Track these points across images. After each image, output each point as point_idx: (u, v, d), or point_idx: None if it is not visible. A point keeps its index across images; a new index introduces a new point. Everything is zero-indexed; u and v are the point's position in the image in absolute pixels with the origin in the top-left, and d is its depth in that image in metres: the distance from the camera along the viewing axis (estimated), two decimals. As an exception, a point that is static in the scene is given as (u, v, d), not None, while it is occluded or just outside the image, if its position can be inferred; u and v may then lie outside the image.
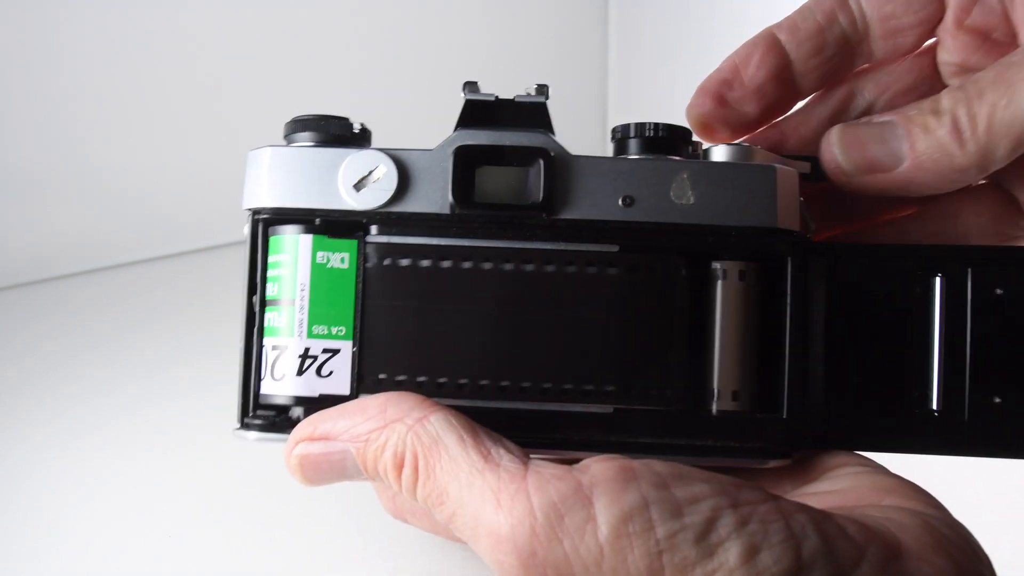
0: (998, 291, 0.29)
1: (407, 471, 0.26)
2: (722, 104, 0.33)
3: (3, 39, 0.54)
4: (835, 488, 0.27)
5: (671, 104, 0.38)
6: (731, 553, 0.23)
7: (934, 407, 0.29)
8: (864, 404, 0.29)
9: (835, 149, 0.31)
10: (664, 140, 0.29)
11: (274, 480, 0.44)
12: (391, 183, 0.29)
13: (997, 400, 0.28)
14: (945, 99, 0.29)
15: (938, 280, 0.29)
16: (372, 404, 0.27)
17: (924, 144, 0.29)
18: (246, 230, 0.30)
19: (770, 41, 0.33)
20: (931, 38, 0.34)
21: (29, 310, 0.58)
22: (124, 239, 0.62)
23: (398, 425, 0.26)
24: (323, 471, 0.28)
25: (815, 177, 0.31)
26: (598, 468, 0.25)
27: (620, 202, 0.29)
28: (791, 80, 0.34)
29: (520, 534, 0.24)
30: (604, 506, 0.24)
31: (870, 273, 0.29)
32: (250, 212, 0.30)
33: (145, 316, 0.57)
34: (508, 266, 0.28)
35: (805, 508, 0.24)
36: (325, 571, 0.39)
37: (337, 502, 0.42)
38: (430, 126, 0.30)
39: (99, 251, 0.61)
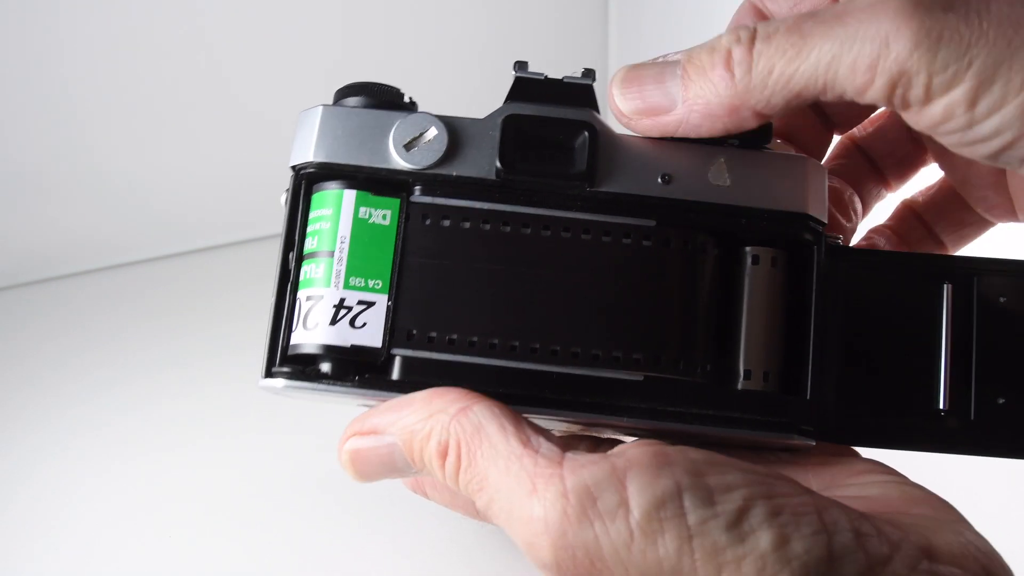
0: (1002, 299, 0.30)
1: (450, 458, 0.26)
2: None
3: (3, 39, 0.54)
4: (864, 494, 0.28)
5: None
6: (762, 540, 0.23)
7: (941, 407, 0.30)
8: (874, 402, 0.30)
9: (615, 90, 0.29)
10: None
11: (274, 480, 0.44)
12: (441, 145, 0.30)
13: (1001, 401, 0.30)
14: (726, 36, 0.27)
15: (946, 287, 0.30)
16: (418, 398, 0.27)
17: (697, 85, 0.28)
18: (283, 198, 0.30)
19: (753, 10, 0.33)
20: None
21: (29, 310, 0.58)
22: (124, 239, 0.62)
23: (442, 415, 0.27)
24: (373, 465, 0.28)
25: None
26: (633, 453, 0.25)
27: (659, 179, 0.30)
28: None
29: (552, 516, 0.24)
30: (637, 490, 0.24)
31: (883, 278, 0.31)
32: (294, 170, 0.30)
33: (145, 316, 0.57)
34: (546, 232, 0.29)
35: (839, 504, 0.24)
36: (325, 571, 0.39)
37: (336, 502, 0.42)
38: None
39: (99, 251, 0.61)
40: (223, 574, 0.39)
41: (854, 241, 0.36)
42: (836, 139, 0.37)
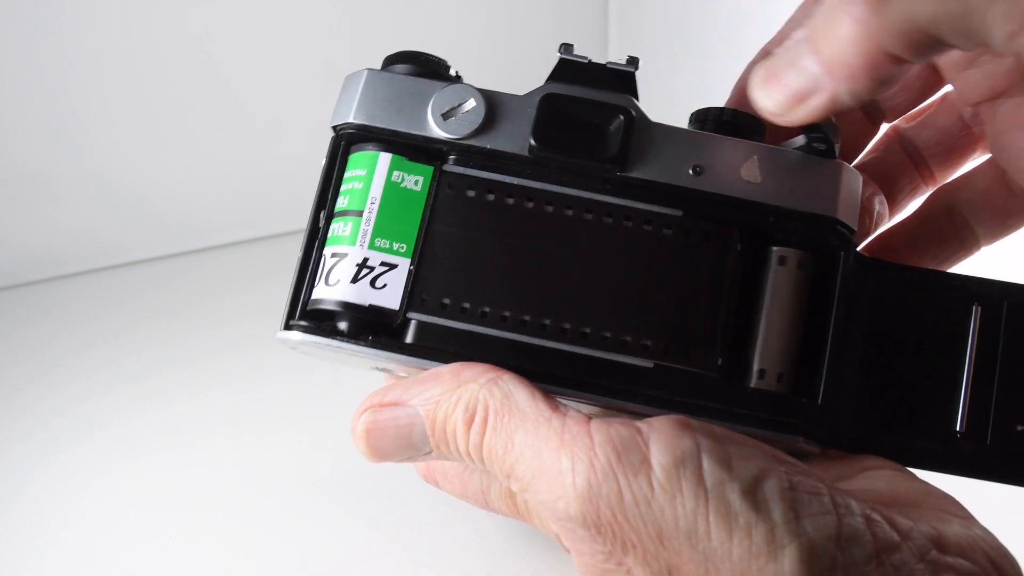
0: None
1: (476, 424, 0.27)
2: None
3: (3, 39, 0.54)
4: (872, 487, 0.28)
5: (671, 103, 0.38)
6: (775, 511, 0.24)
7: (958, 429, 0.29)
8: (889, 416, 0.30)
9: (758, 93, 0.28)
10: (742, 124, 0.30)
11: (275, 480, 0.44)
12: (478, 116, 0.30)
13: (1020, 428, 0.29)
14: None
15: (976, 309, 0.30)
16: (446, 370, 0.28)
17: (828, 49, 0.26)
18: (325, 156, 0.31)
19: None
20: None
21: (29, 310, 0.58)
22: (125, 239, 0.61)
23: (471, 385, 0.27)
24: (388, 439, 0.29)
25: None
26: (657, 420, 0.26)
27: (690, 170, 0.30)
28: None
29: (579, 468, 0.25)
30: (659, 450, 0.25)
31: (911, 293, 0.30)
32: (334, 130, 0.31)
33: (145, 316, 0.57)
34: (568, 212, 0.29)
35: (852, 493, 0.25)
36: (326, 571, 0.39)
37: (337, 502, 0.42)
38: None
39: (99, 251, 0.61)
40: (223, 574, 0.39)
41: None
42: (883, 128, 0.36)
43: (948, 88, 0.35)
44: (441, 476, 0.35)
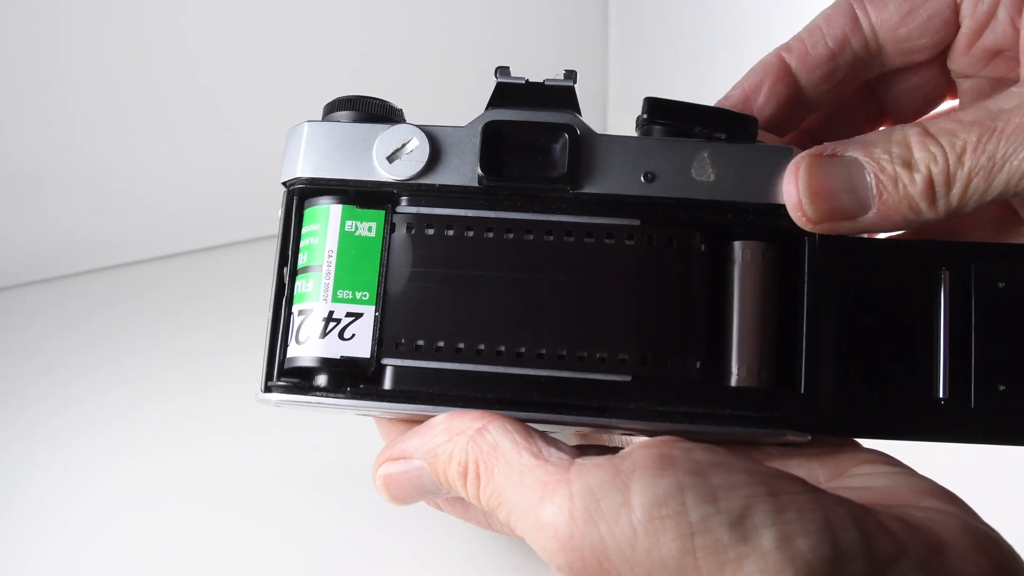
0: (1000, 284, 0.30)
1: (470, 477, 0.27)
2: None
3: (3, 39, 0.54)
4: (870, 485, 0.28)
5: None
6: (765, 539, 0.23)
7: (941, 396, 0.29)
8: (872, 392, 0.29)
9: (802, 194, 0.29)
10: (675, 124, 0.30)
11: (275, 480, 0.44)
12: (423, 155, 0.30)
13: (1002, 388, 0.29)
14: (918, 151, 0.28)
15: (943, 274, 0.30)
16: (439, 421, 0.28)
17: (894, 199, 0.28)
18: (280, 213, 0.31)
19: (780, 70, 0.34)
20: (945, 57, 0.34)
21: (29, 310, 0.58)
22: (124, 239, 0.62)
23: (460, 437, 0.28)
24: (405, 488, 0.30)
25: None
26: (638, 455, 0.25)
27: (642, 178, 0.29)
28: (801, 104, 0.34)
29: (560, 519, 0.25)
30: (639, 491, 0.24)
31: (878, 266, 0.30)
32: (285, 186, 0.31)
33: (145, 316, 0.57)
34: (529, 236, 0.29)
35: (845, 502, 0.24)
36: (326, 571, 0.39)
37: (337, 502, 0.42)
38: (428, 120, 0.30)
39: (99, 251, 0.61)
40: (223, 574, 0.39)
41: None
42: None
43: (954, 102, 0.35)
44: (443, 502, 0.35)
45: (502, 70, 0.31)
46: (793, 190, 0.29)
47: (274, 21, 0.60)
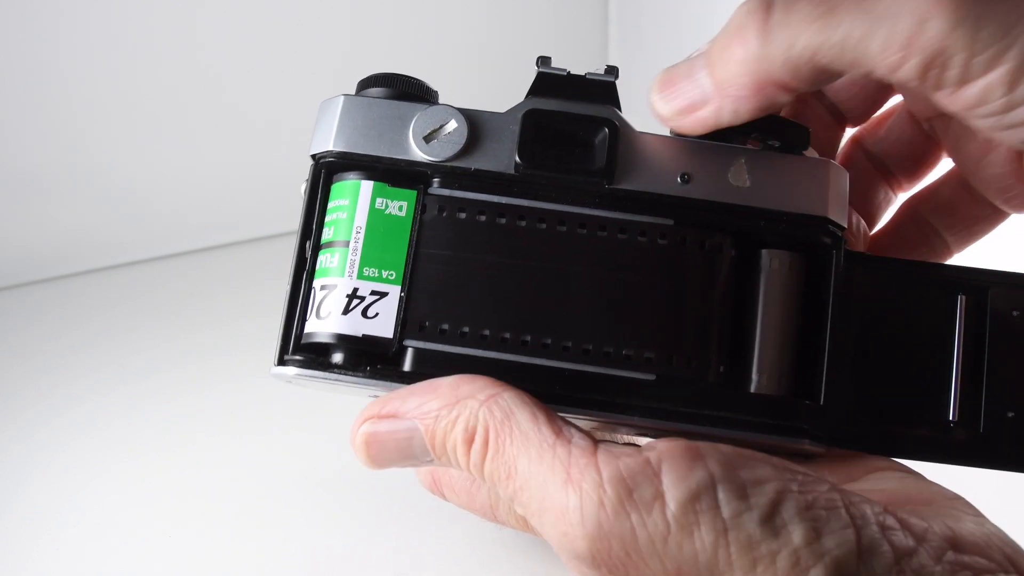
0: (1015, 313, 0.30)
1: (477, 445, 0.26)
2: None
3: (3, 39, 0.54)
4: (882, 487, 0.28)
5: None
6: (795, 535, 0.23)
7: (951, 418, 0.30)
8: (885, 410, 0.30)
9: (654, 96, 0.29)
10: (724, 130, 0.30)
11: (275, 480, 0.44)
12: (461, 137, 0.29)
13: (1011, 415, 0.29)
14: (742, 7, 0.27)
15: (960, 299, 0.30)
16: (444, 383, 0.27)
17: (720, 68, 0.27)
18: (303, 187, 0.30)
19: None
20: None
21: (29, 310, 0.58)
22: (124, 239, 0.62)
23: (470, 401, 0.27)
24: (389, 450, 0.28)
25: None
26: (665, 446, 0.25)
27: (678, 179, 0.29)
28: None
29: (588, 506, 0.24)
30: (672, 483, 0.24)
31: (899, 287, 0.30)
32: (314, 159, 0.30)
33: (145, 316, 0.57)
34: (562, 228, 0.29)
35: (866, 499, 0.24)
36: (328, 571, 0.39)
37: (339, 501, 0.42)
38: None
39: (99, 251, 0.61)
40: (224, 574, 0.39)
41: None
42: (848, 133, 0.37)
43: (899, 97, 0.35)
44: (448, 489, 0.34)
45: (543, 60, 0.30)
46: (650, 96, 0.29)
47: (275, 20, 0.60)
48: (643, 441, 0.29)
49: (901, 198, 0.37)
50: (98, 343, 0.55)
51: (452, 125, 0.30)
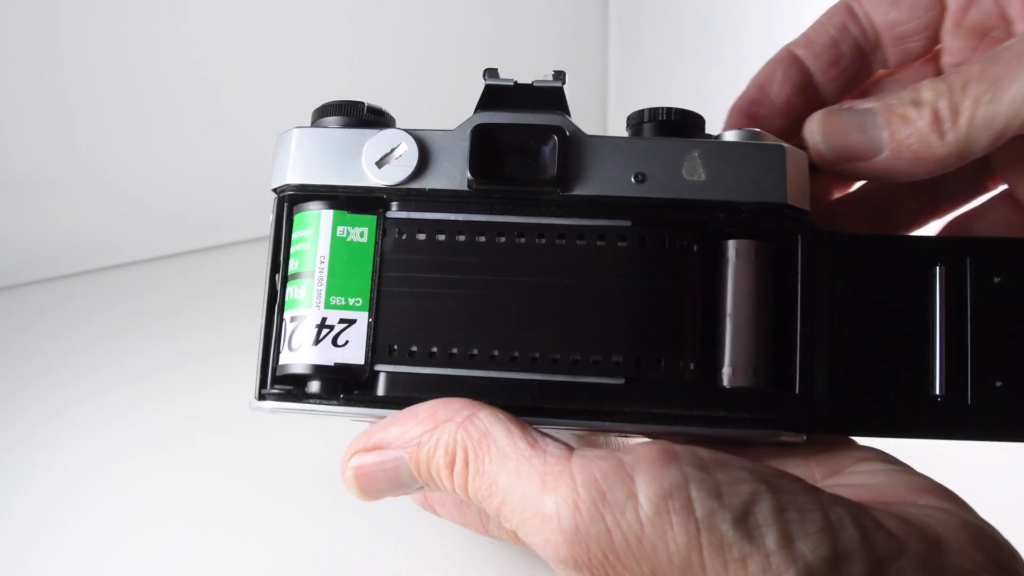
0: (996, 279, 0.29)
1: (458, 467, 0.27)
2: (754, 122, 0.34)
3: (3, 39, 0.54)
4: (868, 483, 0.28)
5: (671, 103, 0.38)
6: (768, 538, 0.23)
7: (937, 392, 0.29)
8: (868, 390, 0.29)
9: (816, 136, 0.31)
10: (677, 124, 0.30)
11: (275, 480, 0.44)
12: (412, 160, 0.30)
13: (999, 384, 0.29)
14: (926, 90, 0.29)
15: (938, 269, 0.30)
16: (423, 409, 0.28)
17: (904, 134, 0.29)
18: (271, 218, 0.31)
19: (789, 58, 0.35)
20: (938, 43, 0.35)
21: (29, 310, 0.58)
22: (124, 239, 0.62)
23: (448, 425, 0.27)
24: (378, 481, 0.29)
25: (814, 168, 0.31)
26: (640, 450, 0.25)
27: (632, 179, 0.29)
28: (814, 91, 0.35)
29: (564, 511, 0.24)
30: (645, 483, 0.24)
31: (872, 263, 0.30)
32: (275, 192, 0.31)
33: (145, 316, 0.57)
34: (521, 240, 0.29)
35: (843, 501, 0.24)
36: (326, 571, 0.39)
37: (337, 502, 0.42)
38: (428, 121, 0.30)
39: (99, 251, 0.61)
40: (223, 574, 0.39)
41: None
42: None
43: None
44: (439, 505, 0.35)
45: (490, 72, 0.30)
46: (808, 134, 0.31)
47: (273, 22, 0.60)
48: (633, 441, 0.29)
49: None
50: (98, 343, 0.55)
51: (403, 148, 0.30)
